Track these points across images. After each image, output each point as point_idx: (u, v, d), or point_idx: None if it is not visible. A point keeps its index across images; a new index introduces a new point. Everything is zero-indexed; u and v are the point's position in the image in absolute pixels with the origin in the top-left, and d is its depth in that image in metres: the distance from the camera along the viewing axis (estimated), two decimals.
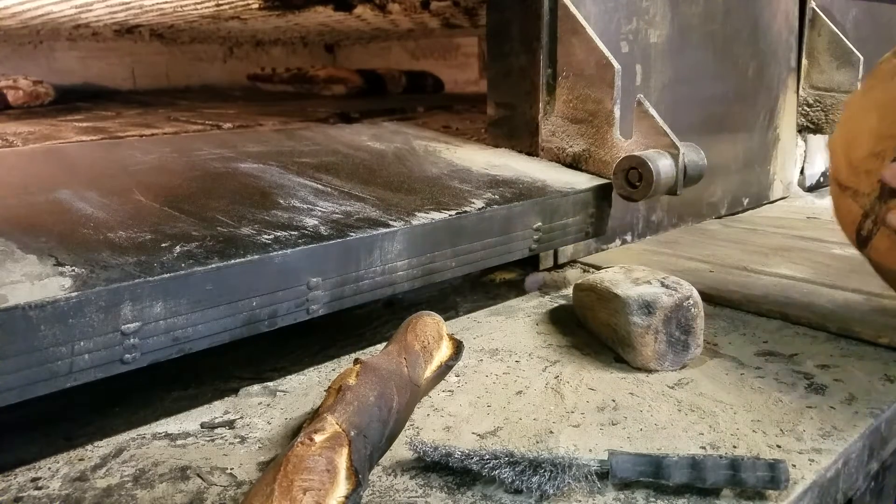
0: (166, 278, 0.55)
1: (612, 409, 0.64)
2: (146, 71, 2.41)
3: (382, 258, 0.70)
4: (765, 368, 0.72)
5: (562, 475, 0.51)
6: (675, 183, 0.89)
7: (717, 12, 1.26)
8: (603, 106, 0.94)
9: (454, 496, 0.52)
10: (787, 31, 1.44)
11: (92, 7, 1.65)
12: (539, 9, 0.97)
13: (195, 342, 0.59)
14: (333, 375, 0.71)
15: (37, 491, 0.53)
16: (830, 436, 0.60)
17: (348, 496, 0.46)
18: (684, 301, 0.71)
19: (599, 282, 0.77)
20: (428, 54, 2.68)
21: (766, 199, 1.48)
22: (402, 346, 0.64)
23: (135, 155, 0.94)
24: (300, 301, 0.65)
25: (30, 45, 2.15)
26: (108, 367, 0.54)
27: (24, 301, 0.49)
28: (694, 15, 1.21)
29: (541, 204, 0.86)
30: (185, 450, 0.58)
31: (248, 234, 0.65)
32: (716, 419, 0.62)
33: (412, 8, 1.82)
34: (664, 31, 1.15)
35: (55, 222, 0.65)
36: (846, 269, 1.01)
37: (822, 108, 1.45)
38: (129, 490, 0.53)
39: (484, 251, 0.81)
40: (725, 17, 1.28)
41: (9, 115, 1.64)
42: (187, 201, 0.74)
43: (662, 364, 0.71)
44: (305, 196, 0.79)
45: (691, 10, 1.20)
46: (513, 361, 0.74)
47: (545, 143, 1.02)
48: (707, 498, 0.52)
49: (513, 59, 1.03)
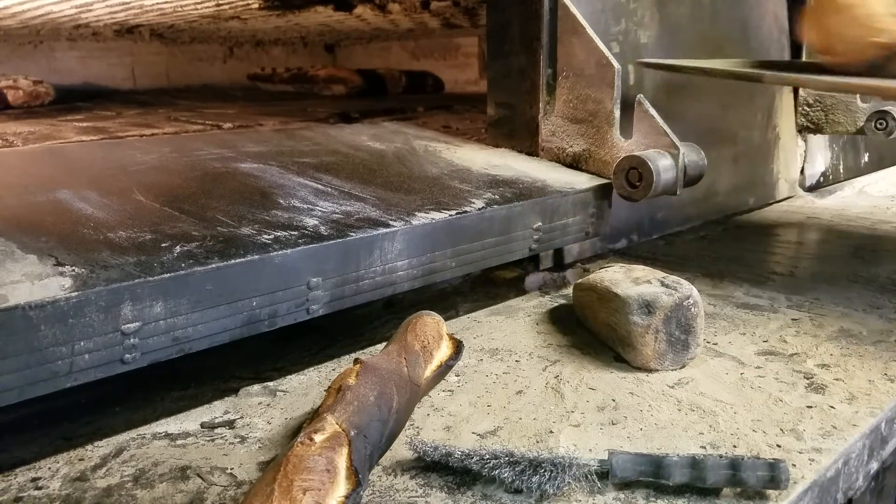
0: (166, 278, 0.55)
1: (613, 408, 0.64)
2: (146, 71, 2.41)
3: (382, 258, 0.70)
4: (765, 368, 0.72)
5: (562, 475, 0.51)
6: (674, 183, 0.89)
7: (705, 13, 1.26)
8: (603, 106, 0.94)
9: (454, 496, 0.52)
10: (777, 30, 1.44)
11: (92, 7, 1.65)
12: (539, 9, 0.97)
13: (195, 342, 0.59)
14: (333, 375, 0.71)
15: (37, 491, 0.53)
16: (830, 435, 0.60)
17: (348, 496, 0.46)
18: (684, 300, 0.71)
19: (599, 281, 0.77)
20: (428, 54, 2.68)
21: (772, 198, 1.48)
22: (402, 346, 0.64)
23: (135, 155, 0.94)
24: (300, 301, 0.65)
25: (30, 45, 2.15)
26: (108, 367, 0.54)
27: (24, 301, 0.49)
28: (682, 16, 1.21)
29: (541, 204, 0.86)
30: (185, 450, 0.58)
31: (248, 234, 0.65)
32: (716, 419, 0.62)
33: (412, 8, 1.82)
34: (653, 31, 1.15)
35: (55, 222, 0.65)
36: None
37: (822, 108, 1.44)
38: (129, 490, 0.52)
39: (484, 251, 0.81)
40: (713, 18, 1.28)
41: (9, 115, 1.64)
42: (187, 201, 0.74)
43: (662, 363, 0.71)
44: (305, 196, 0.79)
45: (679, 11, 1.20)
46: (513, 361, 0.74)
47: (545, 143, 1.02)
48: (707, 498, 0.52)
49: (513, 59, 1.03)
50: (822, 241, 1.22)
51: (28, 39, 2.12)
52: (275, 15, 1.86)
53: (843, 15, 0.90)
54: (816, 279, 0.99)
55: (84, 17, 1.78)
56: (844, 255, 1.12)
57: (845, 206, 1.46)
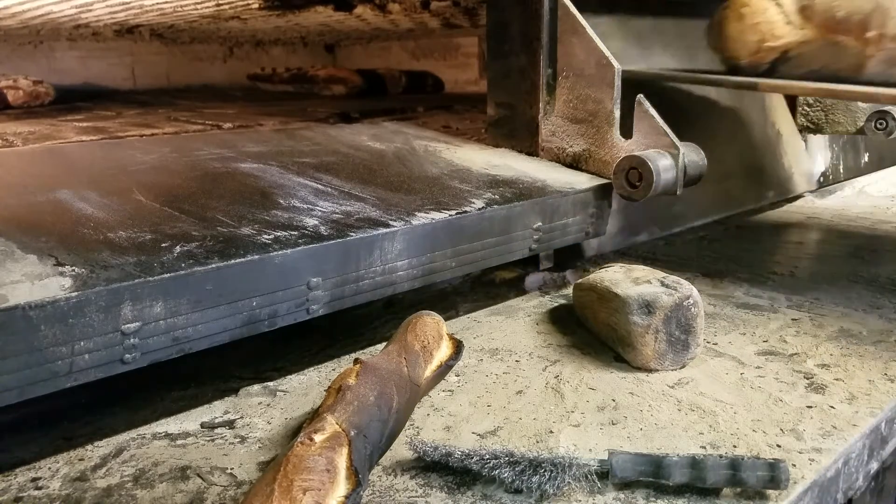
0: (166, 278, 0.55)
1: (613, 408, 0.64)
2: (146, 71, 2.41)
3: (382, 258, 0.70)
4: (765, 368, 0.72)
5: (562, 475, 0.51)
6: (675, 183, 0.89)
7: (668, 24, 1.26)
8: (603, 106, 0.94)
9: (454, 496, 0.52)
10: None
11: (92, 7, 1.65)
12: (539, 9, 0.97)
13: (195, 342, 0.59)
14: (333, 375, 0.71)
15: (37, 491, 0.53)
16: (830, 435, 0.59)
17: (348, 496, 0.46)
18: (684, 300, 0.71)
19: (599, 281, 0.77)
20: (428, 54, 2.69)
21: (791, 192, 1.48)
22: (402, 346, 0.64)
23: (135, 155, 0.94)
24: (300, 301, 0.65)
25: (30, 45, 2.15)
26: (108, 367, 0.54)
27: (24, 301, 0.49)
28: (645, 26, 1.21)
29: (541, 204, 0.86)
30: (185, 450, 0.58)
31: (248, 234, 0.65)
32: (716, 419, 0.62)
33: (412, 8, 1.82)
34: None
35: (55, 222, 0.65)
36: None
37: (822, 108, 1.44)
38: (129, 490, 0.52)
39: (484, 251, 0.81)
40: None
41: (9, 115, 1.64)
42: (187, 201, 0.74)
43: (662, 363, 0.71)
44: (305, 196, 0.79)
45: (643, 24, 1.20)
46: (513, 361, 0.74)
47: (545, 143, 1.02)
48: (707, 498, 0.51)
49: (513, 59, 1.03)
50: (822, 241, 1.22)
51: (28, 39, 2.12)
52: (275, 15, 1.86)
53: (744, 22, 1.02)
54: (816, 279, 0.99)
55: (84, 17, 1.78)
56: (844, 255, 1.12)
57: (845, 206, 1.46)
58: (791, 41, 0.98)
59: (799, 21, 0.98)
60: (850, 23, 0.93)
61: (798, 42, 0.98)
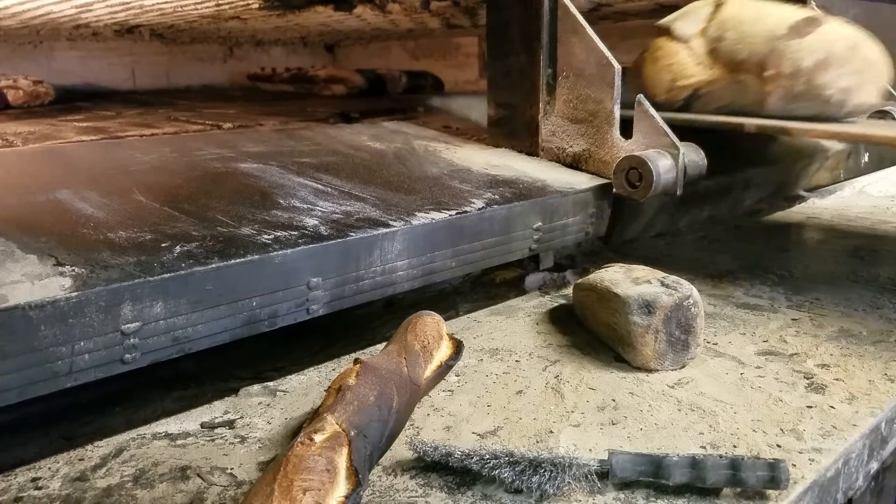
0: (166, 278, 0.55)
1: (613, 408, 0.64)
2: (146, 71, 2.41)
3: (382, 258, 0.70)
4: (765, 368, 0.72)
5: (562, 475, 0.51)
6: (675, 183, 0.89)
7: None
8: (603, 106, 0.94)
9: (454, 496, 0.52)
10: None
11: (92, 7, 1.65)
12: (539, 9, 0.97)
13: (195, 342, 0.59)
14: (333, 375, 0.71)
15: (37, 491, 0.53)
16: (830, 435, 0.60)
17: (348, 496, 0.46)
18: (684, 300, 0.71)
19: (599, 281, 0.77)
20: (428, 54, 2.68)
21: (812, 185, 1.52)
22: (402, 346, 0.64)
23: (135, 155, 0.94)
24: (300, 301, 0.65)
25: (30, 45, 2.15)
26: (108, 367, 0.54)
27: (24, 301, 0.49)
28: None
29: (541, 204, 0.86)
30: (185, 450, 0.58)
31: (248, 234, 0.65)
32: (716, 419, 0.62)
33: (412, 8, 1.82)
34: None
35: (55, 222, 0.65)
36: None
37: None
38: (129, 490, 0.53)
39: (484, 251, 0.81)
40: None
41: (9, 115, 1.64)
42: (187, 201, 0.74)
43: (662, 363, 0.71)
44: (305, 196, 0.79)
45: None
46: (513, 361, 0.74)
47: (545, 143, 1.02)
48: (707, 498, 0.52)
49: (513, 59, 1.03)
50: (822, 241, 1.22)
51: (28, 39, 2.12)
52: (275, 15, 1.86)
53: (659, 64, 1.12)
54: (816, 279, 0.99)
55: (84, 17, 1.78)
56: (844, 255, 1.12)
57: (845, 206, 1.46)
58: (701, 80, 1.09)
59: (708, 62, 1.08)
60: (750, 63, 1.04)
61: (707, 81, 1.08)
